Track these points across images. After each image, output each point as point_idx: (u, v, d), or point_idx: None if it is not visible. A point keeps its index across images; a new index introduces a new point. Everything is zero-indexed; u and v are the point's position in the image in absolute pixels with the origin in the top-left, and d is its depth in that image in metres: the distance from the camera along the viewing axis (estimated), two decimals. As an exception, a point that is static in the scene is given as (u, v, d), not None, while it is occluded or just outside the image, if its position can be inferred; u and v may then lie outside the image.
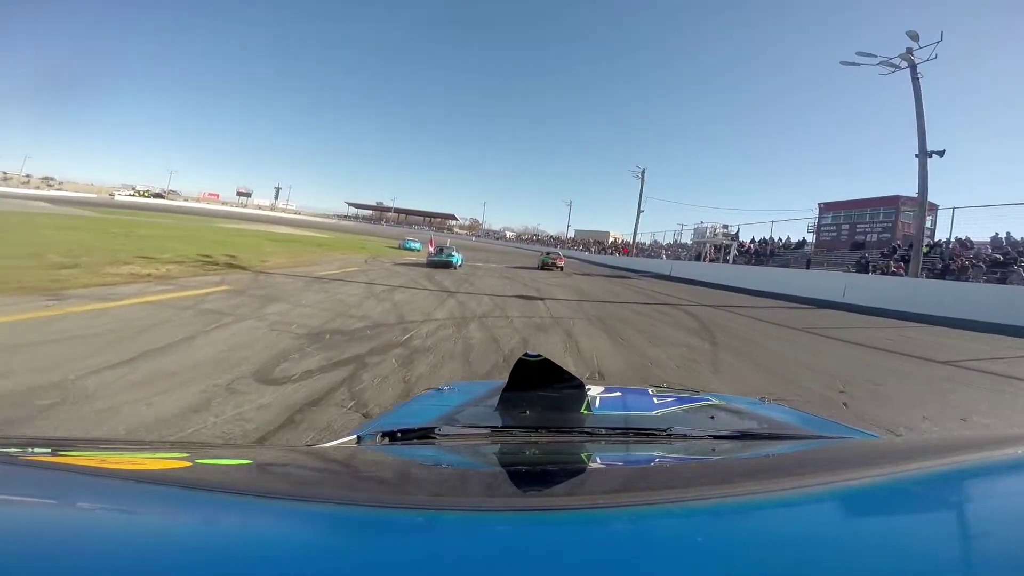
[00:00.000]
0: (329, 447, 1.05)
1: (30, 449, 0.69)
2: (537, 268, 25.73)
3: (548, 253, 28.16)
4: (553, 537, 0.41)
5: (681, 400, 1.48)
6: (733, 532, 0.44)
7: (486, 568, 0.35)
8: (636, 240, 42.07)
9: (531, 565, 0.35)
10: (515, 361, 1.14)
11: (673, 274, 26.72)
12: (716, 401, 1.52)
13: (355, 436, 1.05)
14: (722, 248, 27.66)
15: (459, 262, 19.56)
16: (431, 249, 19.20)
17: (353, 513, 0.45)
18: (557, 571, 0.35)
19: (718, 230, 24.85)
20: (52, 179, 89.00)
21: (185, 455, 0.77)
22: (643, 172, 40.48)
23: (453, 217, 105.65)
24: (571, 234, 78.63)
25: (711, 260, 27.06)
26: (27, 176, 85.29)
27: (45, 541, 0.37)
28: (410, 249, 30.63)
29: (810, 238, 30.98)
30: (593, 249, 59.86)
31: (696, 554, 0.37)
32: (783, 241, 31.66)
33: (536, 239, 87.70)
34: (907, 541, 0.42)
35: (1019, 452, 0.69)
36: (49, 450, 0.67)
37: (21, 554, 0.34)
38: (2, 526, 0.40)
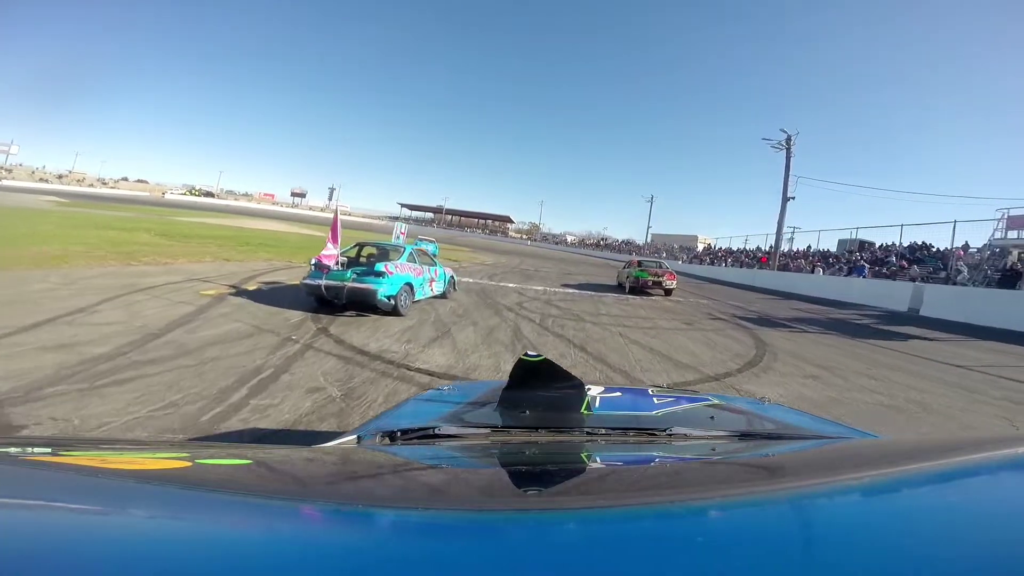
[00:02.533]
0: (329, 447, 1.00)
1: (30, 449, 0.69)
2: (620, 290, 14.48)
3: (641, 264, 14.65)
4: (553, 537, 0.40)
5: (681, 400, 1.45)
6: (733, 532, 0.43)
7: (486, 568, 0.34)
8: (771, 244, 27.14)
9: (531, 565, 0.35)
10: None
11: (928, 313, 12.25)
12: (716, 401, 1.49)
13: (355, 436, 1.03)
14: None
15: (407, 291, 6.75)
16: (327, 254, 6.38)
17: (353, 513, 0.45)
18: (557, 571, 0.34)
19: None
20: (105, 179, 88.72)
21: (185, 455, 0.77)
22: (789, 140, 25.50)
23: (510, 220, 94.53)
24: (648, 238, 63.32)
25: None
26: (82, 175, 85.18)
27: (45, 541, 0.36)
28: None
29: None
30: (683, 257, 44.96)
31: (696, 554, 0.37)
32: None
33: (604, 244, 73.51)
34: (907, 541, 0.41)
35: (1019, 452, 0.68)
36: (49, 450, 0.68)
37: (21, 554, 0.33)
38: (2, 526, 0.39)
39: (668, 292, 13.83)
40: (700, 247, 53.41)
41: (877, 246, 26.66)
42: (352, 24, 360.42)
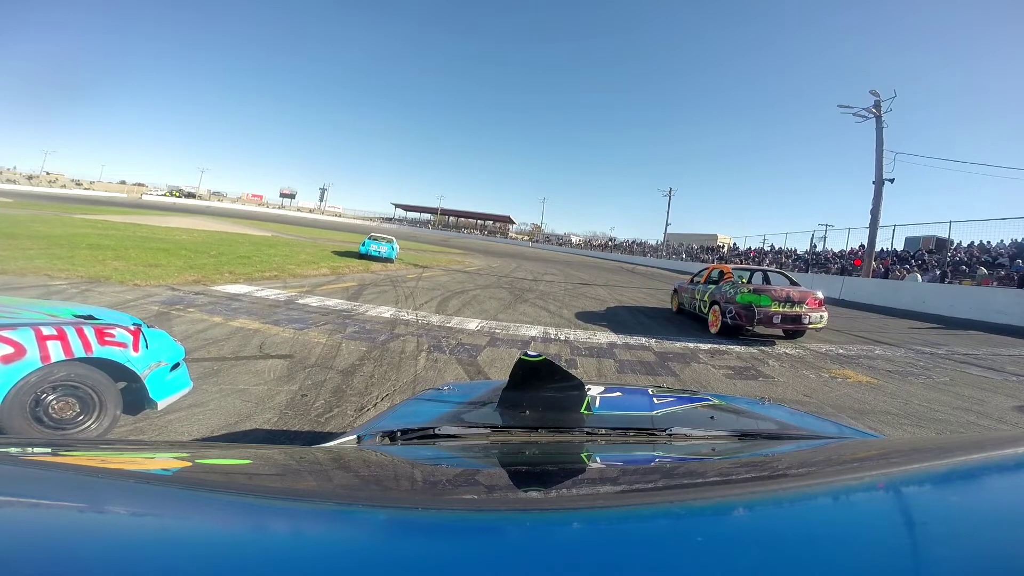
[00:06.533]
0: (329, 447, 0.99)
1: (30, 449, 0.69)
2: (690, 323, 8.22)
3: (739, 277, 7.91)
4: (553, 537, 0.41)
5: (681, 400, 1.45)
6: (733, 532, 0.43)
7: (486, 567, 0.34)
8: (859, 243, 21.14)
9: (531, 564, 0.35)
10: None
11: None
12: (716, 401, 1.49)
13: (355, 436, 1.03)
14: None
15: None
16: None
17: (353, 513, 0.45)
18: (557, 571, 0.34)
19: None
20: (58, 177, 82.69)
21: (185, 455, 0.77)
22: (879, 105, 19.50)
23: (511, 220, 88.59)
24: (651, 239, 57.08)
25: None
26: (54, 176, 79.08)
27: (45, 541, 0.36)
28: (375, 256, 15.93)
29: None
30: (711, 260, 38.96)
31: (696, 554, 0.37)
32: None
33: (613, 245, 67.48)
34: (907, 541, 0.41)
35: (1019, 452, 0.67)
36: (49, 450, 0.67)
37: (21, 554, 0.33)
38: (2, 526, 0.39)
39: (796, 334, 7.65)
40: (724, 247, 47.45)
41: (967, 245, 20.75)
42: (346, 19, 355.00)
